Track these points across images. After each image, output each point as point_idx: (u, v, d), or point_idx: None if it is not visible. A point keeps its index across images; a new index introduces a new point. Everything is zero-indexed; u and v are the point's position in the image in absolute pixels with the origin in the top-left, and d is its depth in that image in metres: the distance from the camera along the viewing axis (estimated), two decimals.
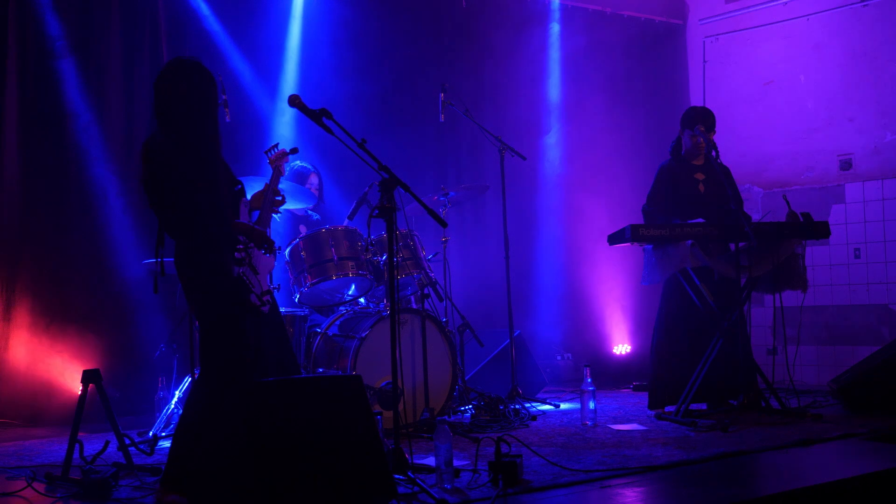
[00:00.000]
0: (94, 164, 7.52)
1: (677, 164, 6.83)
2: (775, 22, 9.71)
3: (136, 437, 5.70)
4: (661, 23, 10.43)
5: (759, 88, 9.79)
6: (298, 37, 8.56)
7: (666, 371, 6.62)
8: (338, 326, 6.46)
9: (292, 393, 3.88)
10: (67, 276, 7.41)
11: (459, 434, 5.76)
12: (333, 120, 4.56)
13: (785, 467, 4.82)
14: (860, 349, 8.44)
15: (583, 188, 9.76)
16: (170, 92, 4.45)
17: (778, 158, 9.58)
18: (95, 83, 7.61)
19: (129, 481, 4.71)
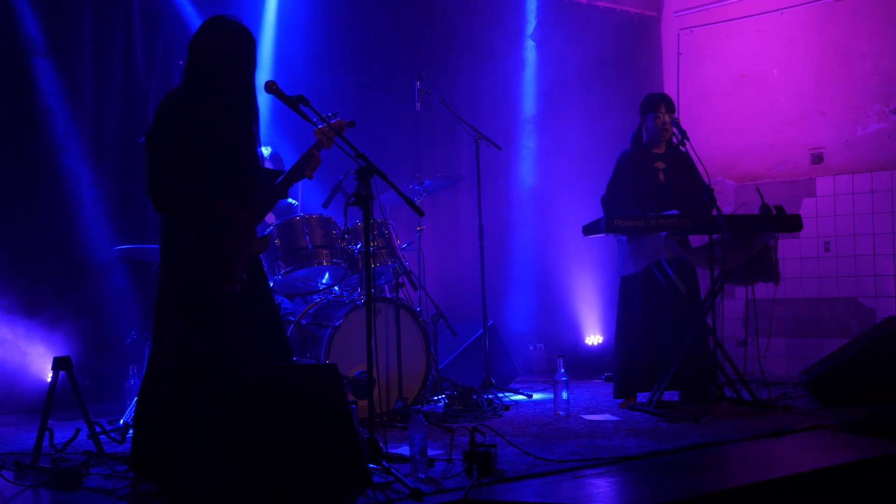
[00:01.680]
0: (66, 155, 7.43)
1: (637, 152, 6.83)
2: (749, 15, 9.74)
3: (106, 425, 5.67)
4: (636, 14, 10.44)
5: (732, 81, 9.82)
6: (273, 26, 8.50)
7: (630, 361, 6.65)
8: (311, 315, 6.43)
9: (267, 382, 3.85)
10: (38, 263, 7.32)
11: (433, 423, 5.75)
12: (311, 107, 4.52)
13: (756, 458, 4.85)
14: (829, 342, 8.50)
15: (557, 179, 9.77)
16: (201, 48, 4.32)
17: (750, 152, 9.63)
18: (67, 75, 7.50)
19: (99, 469, 4.66)
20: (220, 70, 4.31)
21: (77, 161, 7.47)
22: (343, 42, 8.77)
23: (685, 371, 6.42)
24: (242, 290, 4.34)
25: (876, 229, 8.64)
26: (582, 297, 9.91)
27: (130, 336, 6.56)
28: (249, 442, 3.59)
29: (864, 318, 8.62)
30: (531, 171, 9.89)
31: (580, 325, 9.90)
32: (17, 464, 4.72)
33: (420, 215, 4.74)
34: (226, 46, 4.32)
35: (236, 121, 4.38)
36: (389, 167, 4.70)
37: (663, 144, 6.82)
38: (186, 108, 4.25)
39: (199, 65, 4.33)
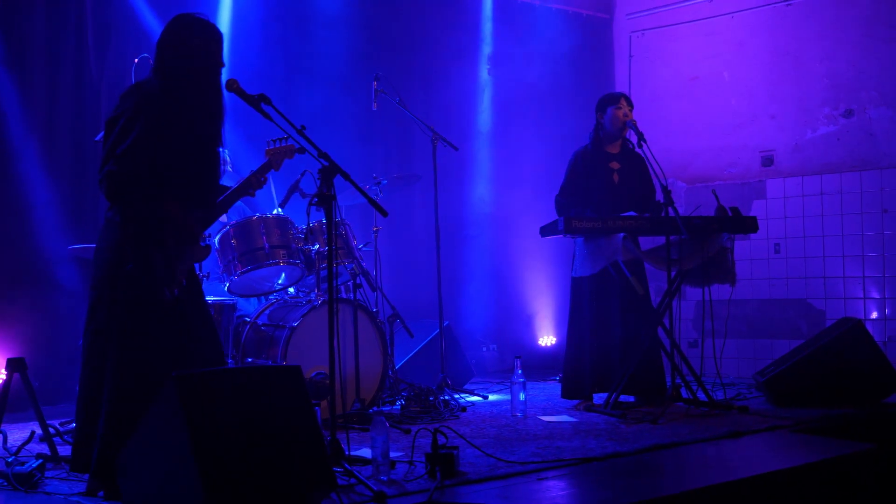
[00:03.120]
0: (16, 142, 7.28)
1: (593, 151, 6.83)
2: (700, 19, 9.82)
3: (60, 428, 5.57)
4: (588, 16, 10.48)
5: (684, 84, 9.90)
6: (228, 23, 8.41)
7: (579, 362, 6.67)
8: (267, 316, 6.37)
9: (229, 383, 3.79)
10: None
11: (392, 425, 5.71)
12: (272, 105, 4.48)
13: (716, 459, 4.89)
14: (779, 343, 8.60)
15: (511, 180, 9.78)
16: (168, 42, 4.32)
17: (702, 154, 9.71)
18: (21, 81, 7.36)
19: (55, 472, 4.58)
20: (192, 68, 4.31)
21: (30, 163, 7.33)
22: (298, 40, 8.72)
23: (641, 372, 6.45)
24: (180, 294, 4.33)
25: (826, 231, 8.75)
26: (536, 299, 9.94)
27: (82, 336, 6.42)
28: (212, 443, 3.53)
29: (814, 319, 8.73)
30: (487, 173, 9.89)
31: (534, 325, 9.93)
32: None
33: (384, 215, 4.71)
34: (197, 45, 4.31)
35: (204, 121, 4.35)
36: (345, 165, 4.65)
37: (618, 144, 6.84)
38: (155, 102, 4.21)
39: (171, 62, 4.31)
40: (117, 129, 4.16)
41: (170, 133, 4.22)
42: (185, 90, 4.30)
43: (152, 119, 4.17)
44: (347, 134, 8.62)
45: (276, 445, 3.71)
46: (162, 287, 4.25)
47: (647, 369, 6.49)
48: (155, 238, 4.22)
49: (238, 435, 3.63)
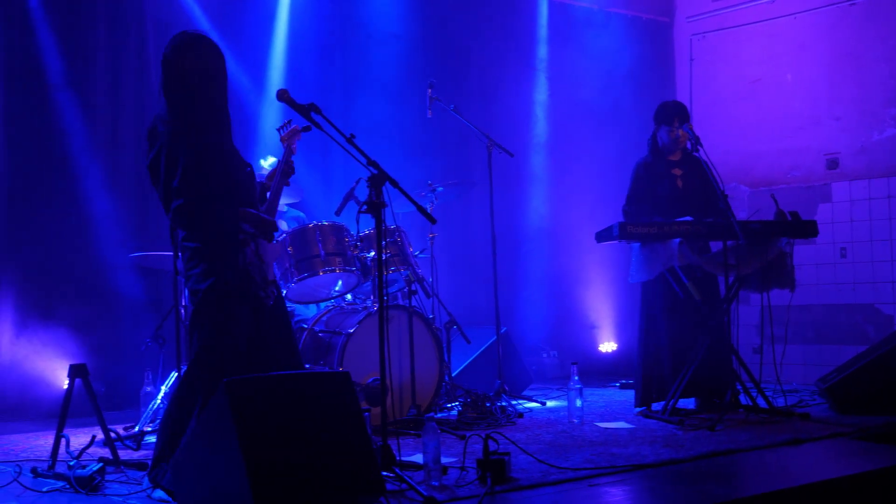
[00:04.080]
0: (81, 158, 7.51)
1: (655, 160, 6.81)
2: (762, 20, 9.71)
3: (122, 432, 5.68)
4: (648, 20, 10.42)
5: (745, 87, 9.79)
6: (285, 31, 8.54)
7: (651, 369, 6.62)
8: (324, 322, 6.43)
9: (281, 389, 3.84)
10: (53, 270, 7.41)
11: (447, 431, 5.73)
12: (322, 115, 4.53)
13: (774, 466, 4.81)
14: (846, 348, 8.45)
15: (570, 186, 9.76)
16: (176, 68, 4.39)
17: (764, 157, 9.59)
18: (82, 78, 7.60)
19: (115, 476, 4.68)
20: (197, 86, 4.39)
21: (94, 179, 7.60)
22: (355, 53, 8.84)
23: (701, 378, 6.38)
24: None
25: (893, 235, 8.58)
26: (596, 305, 9.89)
27: (145, 343, 6.56)
28: (262, 447, 3.57)
29: (881, 324, 8.56)
30: (544, 179, 9.87)
31: (594, 332, 9.88)
32: (34, 471, 4.75)
33: (432, 223, 4.74)
34: (202, 65, 4.41)
35: (221, 133, 4.46)
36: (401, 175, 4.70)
37: (679, 152, 6.80)
38: (179, 128, 4.31)
39: (176, 83, 4.40)
40: (163, 166, 4.29)
41: (200, 149, 4.32)
42: (195, 112, 4.38)
43: (184, 142, 4.28)
44: (404, 143, 8.70)
45: (325, 450, 3.74)
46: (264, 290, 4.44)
47: (707, 374, 6.41)
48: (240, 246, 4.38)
49: (287, 439, 3.67)
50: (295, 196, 6.98)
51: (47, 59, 7.49)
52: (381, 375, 4.52)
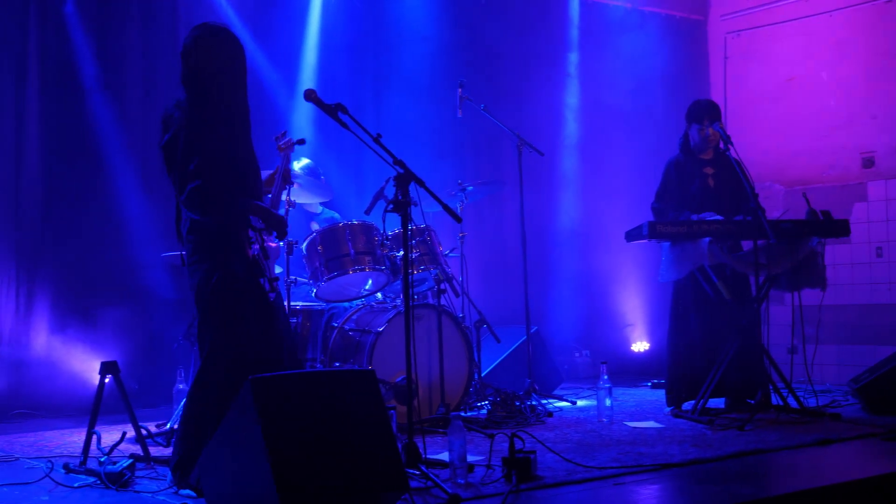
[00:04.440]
0: (115, 159, 7.62)
1: (686, 159, 6.79)
2: (797, 18, 9.64)
3: (154, 429, 5.74)
4: (682, 18, 10.37)
5: (780, 85, 9.72)
6: (317, 29, 8.61)
7: (681, 368, 6.60)
8: (354, 321, 6.46)
9: (306, 387, 3.88)
10: (88, 270, 7.54)
11: (475, 430, 5.74)
12: (349, 114, 4.56)
13: (802, 466, 4.80)
14: (882, 349, 8.33)
15: (601, 185, 9.74)
16: (194, 59, 4.40)
17: (799, 156, 9.51)
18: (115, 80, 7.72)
19: (145, 472, 4.74)
20: (216, 78, 4.40)
21: (126, 180, 7.72)
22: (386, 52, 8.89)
23: (731, 378, 6.36)
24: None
25: None
26: (628, 304, 9.87)
27: (177, 341, 6.63)
28: (287, 444, 3.61)
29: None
30: (574, 178, 9.86)
31: (627, 331, 9.87)
32: (65, 466, 4.83)
33: (458, 221, 4.75)
34: (220, 57, 4.42)
35: (238, 126, 4.46)
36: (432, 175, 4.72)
37: (710, 150, 6.78)
38: (199, 116, 4.33)
39: (196, 75, 4.40)
40: (180, 149, 4.28)
41: (216, 142, 4.32)
42: (214, 104, 4.38)
43: (203, 130, 4.29)
44: (435, 143, 8.73)
45: (350, 447, 3.77)
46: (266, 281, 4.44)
47: (737, 374, 6.38)
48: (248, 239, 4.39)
49: (312, 437, 3.71)
50: (325, 195, 7.03)
51: (81, 61, 7.62)
52: (408, 374, 4.55)
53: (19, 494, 4.39)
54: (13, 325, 7.31)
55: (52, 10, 7.53)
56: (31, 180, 7.44)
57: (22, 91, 7.40)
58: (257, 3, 8.41)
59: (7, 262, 7.32)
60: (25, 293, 7.35)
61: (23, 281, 7.36)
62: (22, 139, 7.40)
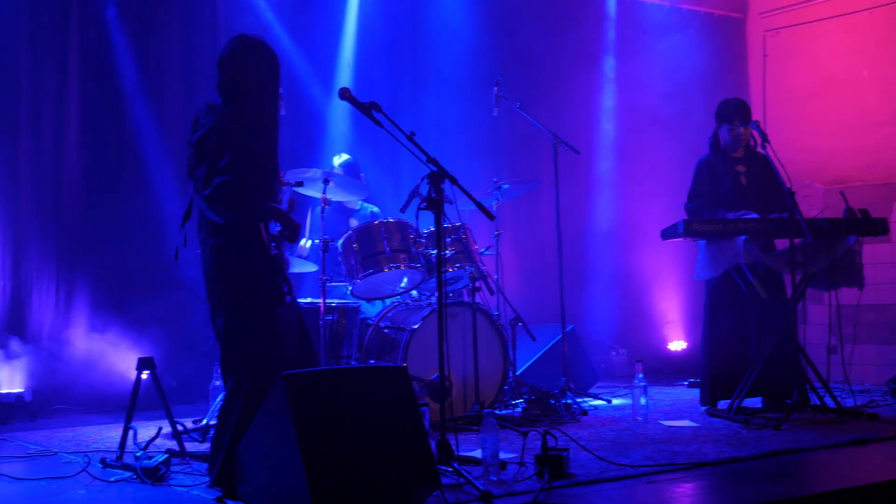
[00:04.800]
0: (153, 153, 7.75)
1: (717, 157, 6.76)
2: (838, 15, 9.56)
3: (190, 425, 5.80)
4: (720, 16, 10.32)
5: (820, 83, 9.64)
6: (354, 27, 8.68)
7: (717, 367, 6.57)
8: (389, 319, 6.49)
9: (338, 383, 3.91)
10: (126, 266, 7.63)
11: (508, 427, 5.74)
12: (383, 112, 4.59)
13: (838, 466, 4.77)
14: None
15: (637, 183, 9.71)
16: (229, 71, 4.50)
17: (839, 154, 9.43)
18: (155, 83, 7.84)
19: (181, 467, 4.80)
20: (250, 93, 4.48)
21: (166, 181, 7.85)
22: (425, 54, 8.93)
23: (768, 377, 6.32)
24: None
25: None
26: (665, 303, 9.84)
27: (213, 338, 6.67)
28: (320, 441, 3.64)
29: None
30: (610, 176, 9.84)
31: (663, 330, 9.82)
32: (102, 461, 4.91)
33: (491, 219, 4.75)
34: (254, 71, 4.51)
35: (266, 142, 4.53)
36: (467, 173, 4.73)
37: (741, 149, 6.74)
38: (228, 123, 4.40)
39: (231, 86, 4.50)
40: (213, 146, 4.34)
41: (244, 147, 4.39)
42: (246, 112, 4.46)
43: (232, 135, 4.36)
44: (470, 141, 8.75)
45: (382, 444, 3.79)
46: (283, 284, 4.50)
47: (773, 373, 6.34)
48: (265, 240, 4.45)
49: (344, 433, 3.73)
50: (361, 193, 7.06)
51: (122, 64, 7.74)
52: (441, 371, 4.56)
53: (57, 488, 4.46)
54: (53, 321, 7.43)
55: (93, 13, 7.63)
56: (72, 180, 7.57)
57: (62, 92, 7.53)
58: (296, 4, 8.48)
59: (48, 260, 7.45)
60: (65, 290, 7.48)
61: (63, 278, 7.48)
62: (62, 139, 7.53)
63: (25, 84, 7.39)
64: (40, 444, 5.68)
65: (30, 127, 7.41)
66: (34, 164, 7.42)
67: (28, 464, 5.11)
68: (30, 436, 6.08)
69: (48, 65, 7.47)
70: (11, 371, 6.99)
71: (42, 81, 7.45)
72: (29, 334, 7.25)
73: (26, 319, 7.32)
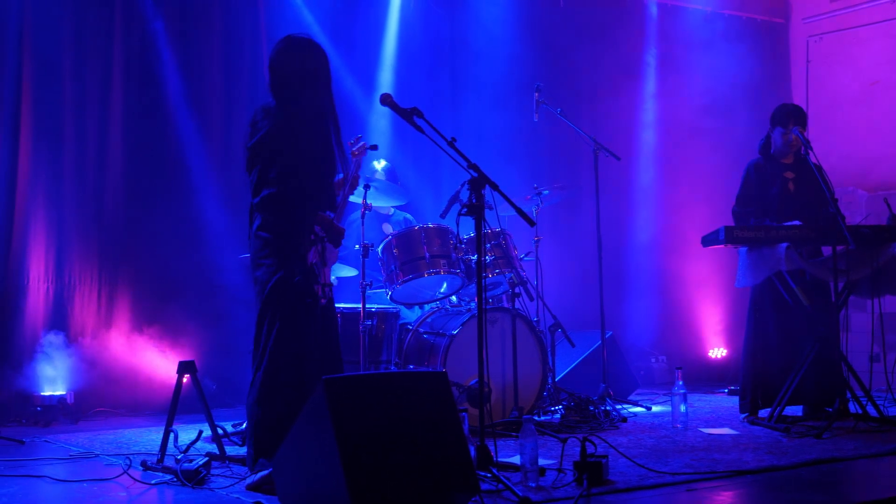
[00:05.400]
0: (194, 159, 7.82)
1: (766, 162, 6.72)
2: (881, 21, 9.48)
3: (230, 429, 5.84)
4: (763, 22, 10.26)
5: (863, 89, 9.56)
6: (395, 35, 8.72)
7: (757, 375, 6.52)
8: (429, 324, 6.50)
9: (376, 387, 3.92)
10: (167, 269, 7.71)
11: (547, 433, 5.74)
12: (424, 119, 4.60)
13: (880, 476, 4.73)
14: None
15: (678, 189, 9.67)
16: (284, 69, 4.60)
17: (883, 161, 9.34)
18: (197, 90, 7.94)
19: (221, 471, 4.82)
20: (302, 92, 4.58)
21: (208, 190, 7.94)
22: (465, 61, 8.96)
23: (809, 385, 6.27)
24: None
25: None
26: (705, 309, 9.77)
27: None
28: (360, 446, 3.65)
29: None
30: (651, 182, 9.80)
31: (703, 336, 9.77)
32: (143, 463, 4.94)
33: (531, 225, 4.75)
34: (305, 68, 4.61)
35: (322, 137, 4.64)
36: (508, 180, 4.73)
37: (791, 155, 6.70)
38: (283, 125, 4.51)
39: (283, 87, 4.60)
40: (265, 154, 4.48)
41: (300, 148, 4.51)
42: (300, 111, 4.56)
43: (287, 139, 4.47)
44: (511, 148, 8.77)
45: (421, 449, 3.80)
46: (320, 290, 4.60)
47: (815, 382, 6.28)
48: (311, 247, 4.55)
49: (383, 437, 3.74)
50: (401, 199, 7.09)
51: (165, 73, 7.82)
52: (480, 377, 4.56)
53: (98, 490, 4.50)
54: (95, 324, 7.49)
55: (137, 19, 7.70)
56: (114, 185, 7.63)
57: (106, 100, 7.60)
58: (337, 11, 8.54)
59: (90, 264, 7.52)
60: (107, 293, 7.55)
61: (105, 281, 7.55)
62: (105, 146, 7.60)
63: (69, 90, 7.46)
64: (82, 447, 5.73)
65: (73, 133, 7.48)
66: (77, 169, 7.49)
67: (70, 466, 5.16)
68: (71, 438, 6.14)
69: (92, 71, 7.55)
70: (54, 373, 7.07)
71: (86, 87, 7.53)
72: (71, 337, 7.32)
73: (69, 322, 7.39)
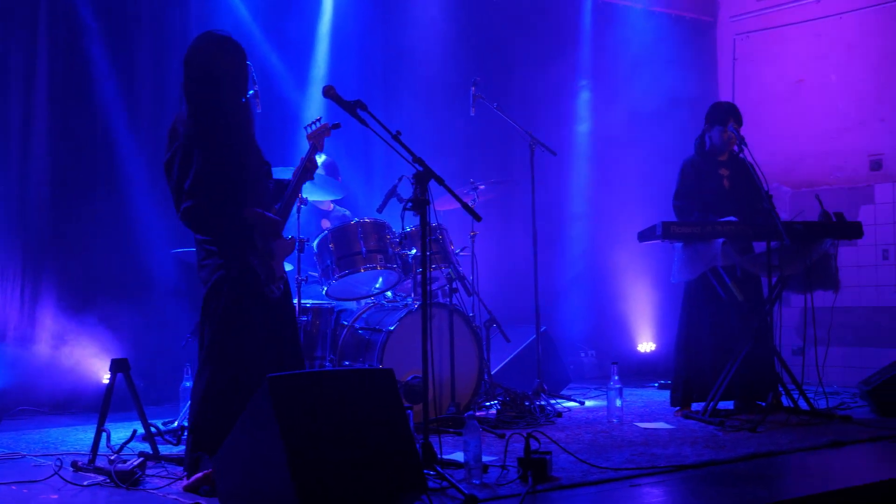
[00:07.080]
0: (123, 151, 7.62)
1: (701, 159, 6.77)
2: (807, 20, 9.63)
3: (162, 427, 5.71)
4: (691, 19, 10.37)
5: (789, 87, 9.71)
6: (329, 28, 8.61)
7: (690, 369, 6.58)
8: (364, 320, 6.43)
9: (322, 386, 3.85)
10: (94, 265, 7.52)
11: (486, 430, 5.72)
12: (368, 111, 4.54)
13: (815, 469, 4.79)
14: (888, 351, 8.34)
15: (610, 185, 9.73)
16: (195, 69, 4.43)
17: (808, 158, 9.50)
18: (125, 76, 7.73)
19: (155, 471, 4.70)
20: (219, 87, 4.43)
21: (137, 180, 7.71)
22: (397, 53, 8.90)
23: (741, 379, 6.34)
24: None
25: None
26: (635, 305, 9.86)
27: (185, 338, 6.60)
28: (305, 445, 3.58)
29: None
30: (585, 178, 9.85)
31: (633, 331, 9.86)
32: (74, 464, 4.79)
33: (477, 220, 4.71)
34: (223, 63, 4.44)
35: (241, 133, 4.51)
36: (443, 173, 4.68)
37: (726, 153, 6.76)
38: (197, 130, 4.37)
39: (198, 84, 4.44)
40: (176, 167, 4.37)
41: (216, 148, 4.37)
42: (211, 109, 4.42)
43: (200, 149, 4.34)
44: (445, 142, 8.70)
45: (368, 448, 3.74)
46: (267, 286, 4.49)
47: (747, 376, 6.36)
48: (247, 245, 4.45)
49: (330, 436, 3.68)
50: (338, 193, 7.00)
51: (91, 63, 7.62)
52: (424, 373, 4.51)
53: (28, 493, 4.34)
54: (18, 321, 7.27)
55: (63, 13, 7.49)
56: (39, 178, 7.39)
57: (30, 92, 7.37)
58: (270, 5, 8.38)
59: (13, 259, 7.28)
60: (31, 290, 7.30)
61: (28, 277, 7.31)
62: (29, 138, 7.36)
63: None
64: (7, 447, 5.55)
65: None
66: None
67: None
68: None
69: (16, 58, 7.32)
70: None
71: (10, 79, 7.30)
72: None
73: None
